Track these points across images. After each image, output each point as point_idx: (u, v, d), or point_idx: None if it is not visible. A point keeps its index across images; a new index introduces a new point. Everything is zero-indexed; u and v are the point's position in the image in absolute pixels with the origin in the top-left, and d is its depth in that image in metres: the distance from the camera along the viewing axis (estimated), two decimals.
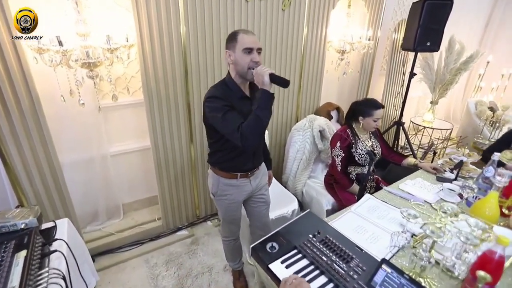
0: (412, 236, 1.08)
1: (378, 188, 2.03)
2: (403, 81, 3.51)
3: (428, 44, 2.83)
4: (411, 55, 3.26)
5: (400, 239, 1.04)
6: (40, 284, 0.95)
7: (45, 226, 1.34)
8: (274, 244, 1.09)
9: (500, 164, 1.86)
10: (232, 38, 1.26)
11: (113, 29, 1.68)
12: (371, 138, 2.06)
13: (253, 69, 1.23)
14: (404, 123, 3.23)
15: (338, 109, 2.87)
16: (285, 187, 2.42)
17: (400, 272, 0.87)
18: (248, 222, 1.92)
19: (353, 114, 2.00)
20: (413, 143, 3.40)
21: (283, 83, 1.18)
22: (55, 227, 1.35)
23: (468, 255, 0.94)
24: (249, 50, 1.23)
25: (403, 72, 3.48)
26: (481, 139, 3.11)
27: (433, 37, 2.82)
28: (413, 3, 2.83)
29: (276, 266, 1.00)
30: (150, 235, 2.25)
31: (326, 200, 2.14)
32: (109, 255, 2.07)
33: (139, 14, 1.64)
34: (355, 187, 1.99)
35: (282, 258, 1.03)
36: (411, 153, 3.18)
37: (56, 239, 1.21)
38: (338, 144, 1.99)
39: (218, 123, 1.24)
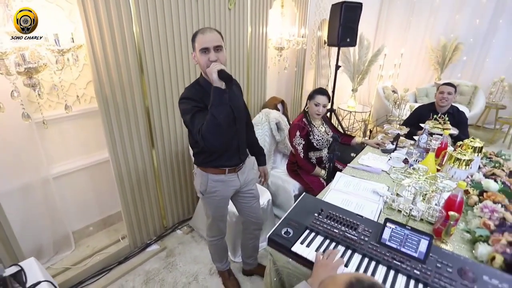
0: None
1: (334, 167, 2.30)
2: (330, 74, 3.98)
3: (348, 40, 3.30)
4: (333, 50, 3.73)
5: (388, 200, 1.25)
6: None
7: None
8: (288, 229, 1.16)
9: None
10: (193, 39, 1.27)
11: (48, 28, 1.43)
12: (323, 124, 2.31)
13: None
14: (335, 109, 3.69)
15: (282, 102, 3.08)
16: None
17: (402, 225, 1.06)
18: (229, 221, 1.93)
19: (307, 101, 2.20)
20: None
21: (226, 78, 1.16)
22: (21, 271, 1.11)
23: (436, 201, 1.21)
24: (205, 50, 1.23)
25: (329, 65, 3.95)
26: (392, 117, 3.81)
27: (351, 34, 3.30)
28: (333, 4, 3.24)
29: (298, 247, 1.08)
30: (117, 258, 2.01)
31: (293, 185, 2.31)
32: None
33: (86, 12, 1.43)
34: (318, 170, 2.21)
35: (300, 239, 1.11)
36: None
37: (39, 282, 1.01)
38: (298, 133, 2.17)
39: (186, 124, 1.27)
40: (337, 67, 3.49)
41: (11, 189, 1.69)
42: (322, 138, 2.21)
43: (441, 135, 1.80)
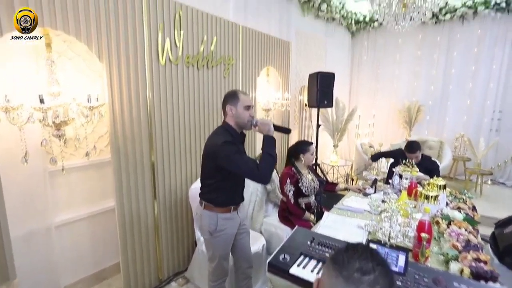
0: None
1: (321, 211, 2.48)
2: (312, 132, 4.42)
3: (325, 102, 3.82)
4: (313, 111, 4.23)
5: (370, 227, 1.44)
6: None
7: None
8: (285, 255, 1.30)
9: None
10: (234, 97, 1.61)
11: (79, 90, 1.74)
12: (309, 173, 2.57)
13: (251, 121, 1.60)
14: (319, 164, 4.01)
15: None
16: None
17: (383, 244, 1.23)
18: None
19: (293, 155, 2.49)
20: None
21: (286, 131, 1.68)
22: None
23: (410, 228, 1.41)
24: (248, 107, 1.60)
25: (311, 125, 4.41)
26: (370, 167, 4.15)
27: (328, 97, 3.83)
28: (310, 74, 3.84)
29: (295, 269, 1.21)
30: None
31: (285, 231, 2.42)
32: None
33: (111, 79, 1.76)
34: (307, 214, 2.38)
35: (297, 263, 1.25)
36: None
37: None
38: (288, 181, 2.40)
39: (237, 164, 1.49)
40: (318, 125, 3.94)
41: (15, 237, 1.73)
42: (310, 185, 2.44)
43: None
